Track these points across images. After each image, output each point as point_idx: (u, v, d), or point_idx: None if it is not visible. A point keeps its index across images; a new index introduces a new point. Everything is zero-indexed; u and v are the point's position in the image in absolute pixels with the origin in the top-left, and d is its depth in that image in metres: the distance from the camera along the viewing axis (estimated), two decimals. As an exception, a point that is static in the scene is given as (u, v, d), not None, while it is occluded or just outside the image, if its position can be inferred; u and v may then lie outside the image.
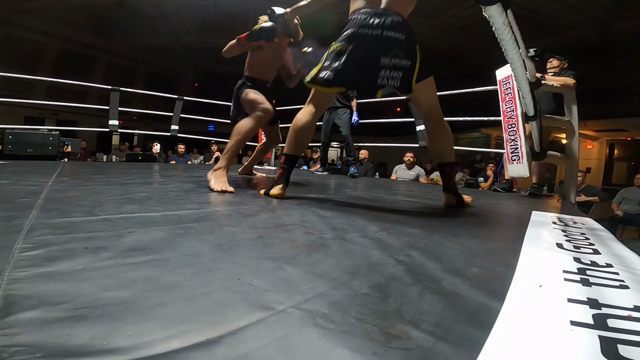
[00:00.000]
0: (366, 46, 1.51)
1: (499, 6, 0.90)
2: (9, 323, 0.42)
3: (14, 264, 0.62)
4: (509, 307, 0.60)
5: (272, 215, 1.29)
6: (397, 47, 1.49)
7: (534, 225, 1.51)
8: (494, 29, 0.99)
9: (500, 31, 1.00)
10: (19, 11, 8.96)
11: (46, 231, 0.84)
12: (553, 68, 3.31)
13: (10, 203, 1.20)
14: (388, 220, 1.35)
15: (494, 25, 0.97)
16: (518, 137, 2.74)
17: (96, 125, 7.44)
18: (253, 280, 0.62)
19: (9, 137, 3.73)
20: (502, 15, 0.94)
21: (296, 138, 1.76)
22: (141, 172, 2.84)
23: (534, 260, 0.89)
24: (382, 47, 1.49)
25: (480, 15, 0.97)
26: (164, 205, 1.34)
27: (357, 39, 1.52)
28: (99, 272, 0.60)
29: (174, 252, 0.75)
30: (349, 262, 0.78)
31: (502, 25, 0.97)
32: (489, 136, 11.81)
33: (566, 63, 3.30)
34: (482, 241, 1.15)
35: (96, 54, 11.52)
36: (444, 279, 0.73)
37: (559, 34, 8.42)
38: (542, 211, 1.98)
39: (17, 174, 2.09)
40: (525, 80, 1.59)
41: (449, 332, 0.51)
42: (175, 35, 11.02)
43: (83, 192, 1.53)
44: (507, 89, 2.89)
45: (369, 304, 0.58)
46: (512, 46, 1.12)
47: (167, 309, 0.49)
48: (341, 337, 0.47)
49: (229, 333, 0.45)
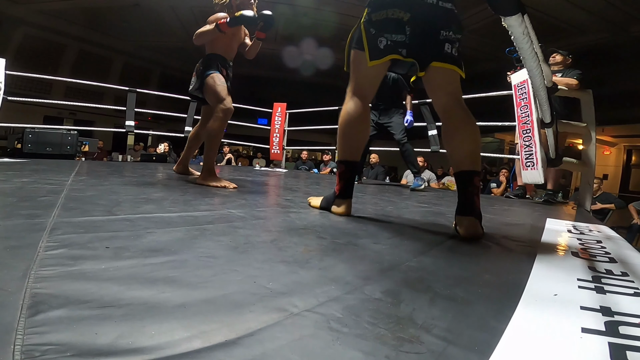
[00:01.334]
0: (425, 15, 1.30)
1: (518, 16, 0.90)
2: (38, 321, 0.44)
3: (40, 262, 0.64)
4: (521, 313, 0.60)
5: (285, 219, 1.30)
6: (453, 18, 1.33)
7: (549, 232, 1.50)
8: (512, 38, 0.99)
9: (519, 40, 1.00)
10: (39, 12, 9.20)
11: (68, 230, 0.87)
12: (556, 64, 3.23)
13: (33, 201, 1.24)
14: (400, 227, 1.35)
15: (512, 34, 0.97)
16: (533, 142, 2.71)
17: (112, 125, 7.60)
18: (268, 283, 0.63)
19: (29, 136, 3.85)
20: (521, 25, 0.94)
21: (349, 138, 1.47)
22: (155, 173, 2.90)
23: (548, 268, 0.89)
24: (440, 17, 1.31)
25: (492, 18, 0.97)
26: (179, 206, 1.37)
27: (415, 7, 1.29)
28: (121, 271, 0.62)
29: (192, 253, 0.77)
30: (362, 267, 0.79)
31: (521, 35, 0.97)
32: (502, 141, 11.64)
33: (570, 59, 3.21)
34: (495, 248, 1.14)
35: (113, 55, 11.76)
36: (455, 285, 0.73)
37: (574, 36, 8.27)
38: (556, 219, 1.96)
39: (38, 173, 2.15)
40: (544, 87, 1.58)
41: (459, 336, 0.52)
42: (189, 37, 11.20)
43: (101, 191, 1.57)
44: (522, 94, 2.86)
45: (381, 309, 0.59)
46: (530, 55, 1.11)
47: (187, 310, 0.51)
48: (354, 341, 0.48)
49: (247, 334, 0.46)
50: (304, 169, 6.53)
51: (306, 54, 10.95)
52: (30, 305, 0.48)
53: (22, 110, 6.83)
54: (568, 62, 3.18)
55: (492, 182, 5.40)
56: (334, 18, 8.86)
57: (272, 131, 5.83)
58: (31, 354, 0.38)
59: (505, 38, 1.07)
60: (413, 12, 1.28)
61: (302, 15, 8.95)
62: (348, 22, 9.03)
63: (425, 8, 1.28)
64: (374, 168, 6.06)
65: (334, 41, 9.56)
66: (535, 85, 1.51)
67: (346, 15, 8.67)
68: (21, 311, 0.46)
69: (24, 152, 3.81)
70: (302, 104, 5.90)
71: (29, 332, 0.41)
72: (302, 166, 6.77)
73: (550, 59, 3.22)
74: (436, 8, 1.28)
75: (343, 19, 8.82)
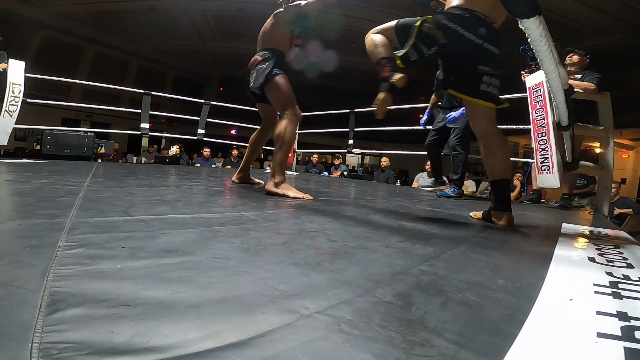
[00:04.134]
0: (466, 49, 1.51)
1: (536, 18, 0.89)
2: (56, 320, 0.45)
3: (58, 261, 0.66)
4: (535, 318, 0.60)
5: (296, 221, 1.31)
6: (494, 60, 1.54)
7: (565, 237, 1.47)
8: (529, 41, 0.98)
9: (537, 43, 0.99)
10: (57, 15, 9.47)
11: (86, 230, 0.90)
12: (573, 64, 3.15)
13: (51, 201, 1.28)
14: (411, 230, 1.34)
15: (530, 37, 0.96)
16: (549, 146, 2.65)
17: (127, 127, 7.75)
18: (280, 285, 0.64)
19: (48, 137, 3.95)
20: (539, 28, 0.93)
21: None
22: (168, 175, 2.94)
23: (563, 273, 0.88)
24: (481, 56, 1.52)
25: (509, 19, 0.96)
26: (192, 207, 1.39)
27: (459, 39, 1.47)
28: (137, 271, 0.64)
29: (205, 254, 0.78)
30: (373, 271, 0.79)
31: (538, 37, 0.96)
32: (516, 144, 11.46)
33: (587, 59, 3.12)
34: (510, 253, 1.13)
35: (129, 59, 12.02)
36: (468, 289, 0.73)
37: (590, 38, 8.11)
38: (573, 224, 1.92)
39: (56, 174, 2.21)
40: (561, 90, 1.55)
41: (471, 340, 0.51)
42: (202, 41, 11.36)
43: (117, 192, 1.61)
44: (537, 96, 2.81)
45: (392, 312, 0.59)
46: (548, 57, 1.10)
47: (200, 310, 0.52)
48: (365, 343, 0.48)
49: (258, 335, 0.47)
50: (314, 172, 6.54)
51: (312, 56, 11.01)
52: (49, 303, 0.49)
53: (41, 112, 7.02)
54: (585, 62, 3.09)
55: (505, 186, 5.32)
56: (340, 21, 8.88)
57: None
58: (48, 352, 0.39)
59: (515, 39, 1.06)
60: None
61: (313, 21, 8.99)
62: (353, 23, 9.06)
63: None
64: (385, 172, 6.03)
65: (340, 43, 9.56)
66: (552, 88, 1.49)
67: (353, 19, 8.70)
68: (40, 309, 0.47)
69: (43, 153, 3.91)
70: (309, 107, 5.91)
71: (47, 330, 0.43)
72: (313, 169, 6.78)
73: (566, 59, 3.15)
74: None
75: (349, 21, 8.84)
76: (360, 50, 3.25)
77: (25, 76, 3.85)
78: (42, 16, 9.32)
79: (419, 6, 9.34)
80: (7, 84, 3.69)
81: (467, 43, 1.46)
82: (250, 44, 2.60)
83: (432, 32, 1.46)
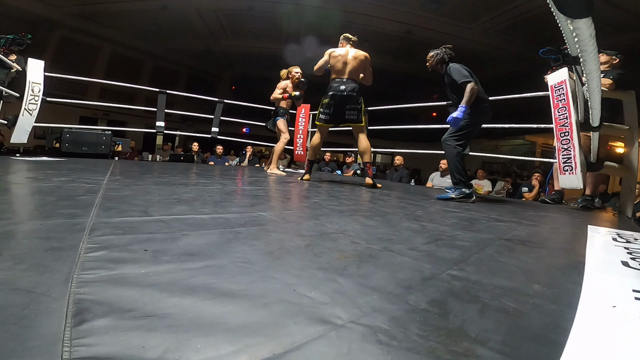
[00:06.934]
0: (338, 100, 3.08)
1: (589, 19, 0.85)
2: (84, 332, 0.43)
3: (81, 265, 0.64)
4: (580, 326, 0.58)
5: (316, 222, 1.28)
6: (353, 99, 3.08)
7: (593, 241, 1.43)
8: (576, 40, 0.93)
9: (585, 42, 0.94)
10: (73, 14, 9.63)
11: (107, 231, 0.89)
12: (601, 64, 3.01)
13: (71, 200, 1.28)
14: (434, 232, 1.30)
15: (578, 36, 0.91)
16: (572, 145, 2.57)
17: (143, 125, 7.84)
18: (310, 292, 0.61)
19: (67, 136, 4.01)
20: (590, 28, 0.88)
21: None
22: (184, 173, 2.95)
23: (600, 279, 0.87)
24: (347, 100, 3.07)
25: (520, 18, 0.92)
26: (209, 207, 1.38)
27: (335, 97, 3.08)
28: (161, 277, 0.62)
29: (228, 258, 0.76)
30: (402, 276, 0.76)
31: (588, 37, 0.92)
32: (534, 143, 11.20)
33: (617, 58, 2.96)
34: (540, 257, 1.09)
35: (143, 57, 12.16)
36: (504, 295, 0.70)
37: (610, 35, 7.86)
38: (597, 226, 1.86)
39: (75, 172, 2.23)
40: (599, 91, 1.49)
41: (517, 350, 0.49)
42: (214, 39, 11.43)
43: (136, 191, 1.61)
44: (560, 94, 2.72)
45: (429, 320, 0.56)
46: (593, 58, 1.05)
47: (230, 321, 0.49)
48: (406, 355, 0.46)
49: (293, 348, 0.44)
50: (327, 171, 6.50)
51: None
52: (75, 312, 0.47)
53: (60, 110, 7.15)
54: (615, 62, 2.94)
55: (523, 186, 5.18)
56: (340, 17, 8.84)
57: (296, 132, 5.83)
58: (79, 369, 0.36)
59: (533, 37, 1.02)
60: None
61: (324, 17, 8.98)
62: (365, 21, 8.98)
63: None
64: (398, 170, 5.96)
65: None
66: (591, 88, 1.43)
67: (353, 14, 8.63)
68: (66, 320, 0.45)
69: (62, 151, 3.98)
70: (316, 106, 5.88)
71: (75, 343, 0.41)
72: (325, 167, 6.74)
73: None
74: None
75: (348, 16, 8.75)
76: (372, 48, 3.25)
77: (44, 75, 3.91)
78: (58, 16, 9.49)
79: (432, 3, 9.15)
80: (27, 82, 3.76)
81: (339, 97, 3.13)
82: (260, 42, 2.67)
83: (326, 101, 3.19)
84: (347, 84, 3.06)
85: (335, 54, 3.12)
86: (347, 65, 3.09)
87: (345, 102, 3.06)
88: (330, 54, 3.15)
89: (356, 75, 3.10)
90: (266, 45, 10.93)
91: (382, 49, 9.98)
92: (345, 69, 3.07)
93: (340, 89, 3.04)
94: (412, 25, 9.33)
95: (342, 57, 3.09)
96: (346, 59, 3.10)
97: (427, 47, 3.01)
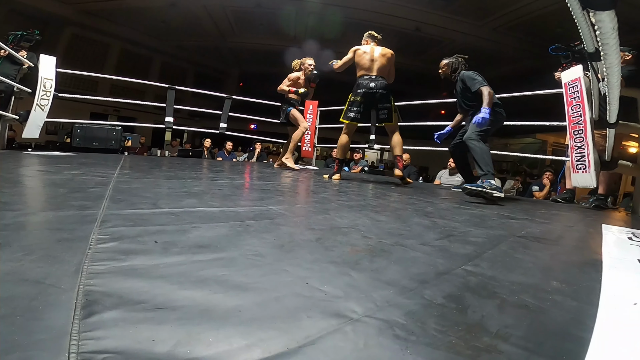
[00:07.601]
0: (370, 99, 3.04)
1: (612, 12, 0.82)
2: (93, 324, 0.42)
3: (92, 256, 0.63)
4: (604, 322, 0.57)
5: (326, 216, 1.27)
6: (384, 97, 3.04)
7: (609, 239, 1.40)
8: (598, 33, 0.90)
9: (607, 36, 0.91)
10: (84, 12, 9.72)
11: (118, 222, 0.88)
12: None
13: (83, 192, 1.28)
14: (445, 228, 1.28)
15: (600, 29, 0.88)
16: (585, 144, 2.51)
17: (152, 121, 7.90)
18: (323, 286, 0.60)
19: (78, 131, 4.06)
20: (613, 20, 0.85)
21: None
22: (192, 167, 2.96)
23: (618, 276, 0.86)
24: (378, 99, 3.04)
25: (533, 15, 0.90)
26: (219, 200, 1.37)
27: (366, 95, 3.03)
28: (171, 269, 0.61)
29: (238, 250, 0.75)
30: (416, 270, 0.74)
31: (610, 30, 0.89)
32: (544, 142, 11.02)
33: (630, 54, 2.87)
34: (556, 254, 1.06)
35: (152, 54, 12.24)
36: (522, 291, 0.68)
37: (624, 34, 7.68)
38: (611, 225, 1.82)
39: (86, 166, 2.25)
40: (618, 86, 1.44)
41: (541, 346, 0.48)
42: (222, 36, 11.45)
43: (146, 184, 1.61)
44: (574, 92, 2.66)
45: (447, 315, 0.54)
46: (615, 51, 1.02)
47: (242, 314, 0.48)
48: (425, 350, 0.44)
49: (308, 343, 0.43)
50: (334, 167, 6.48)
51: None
52: (84, 304, 0.46)
53: (71, 106, 7.23)
54: (628, 58, 2.87)
55: (534, 184, 5.10)
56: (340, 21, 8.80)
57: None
58: (87, 364, 0.35)
59: (546, 35, 0.99)
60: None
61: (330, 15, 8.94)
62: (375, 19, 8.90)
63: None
64: (406, 168, 5.91)
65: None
66: (610, 84, 1.39)
67: (352, 16, 8.55)
68: (75, 311, 0.44)
69: (73, 146, 4.03)
70: (330, 103, 5.84)
71: (83, 336, 0.39)
72: (333, 164, 6.72)
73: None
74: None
75: (349, 23, 8.70)
76: (380, 44, 3.23)
77: (56, 71, 3.95)
78: (68, 13, 9.59)
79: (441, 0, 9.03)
80: (39, 78, 3.80)
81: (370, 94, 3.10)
82: (268, 38, 2.67)
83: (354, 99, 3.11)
84: (377, 80, 3.01)
85: (360, 51, 3.09)
86: (374, 62, 3.06)
87: (376, 100, 3.03)
88: (355, 51, 3.11)
89: (385, 72, 3.07)
90: (274, 42, 10.92)
91: (390, 45, 9.93)
92: (373, 66, 3.04)
93: (371, 87, 3.00)
94: (420, 23, 9.24)
95: (368, 54, 3.06)
96: (373, 56, 3.08)
97: (436, 45, 2.96)
